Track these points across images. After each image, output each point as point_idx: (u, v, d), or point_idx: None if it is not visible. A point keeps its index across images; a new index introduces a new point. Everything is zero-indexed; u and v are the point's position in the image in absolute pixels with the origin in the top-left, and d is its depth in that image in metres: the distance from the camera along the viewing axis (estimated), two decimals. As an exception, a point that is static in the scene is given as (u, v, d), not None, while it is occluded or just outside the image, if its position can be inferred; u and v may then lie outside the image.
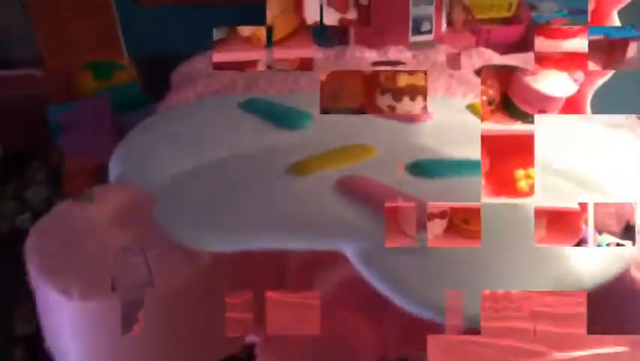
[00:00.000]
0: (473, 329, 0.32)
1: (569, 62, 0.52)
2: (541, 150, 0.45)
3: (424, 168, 0.41)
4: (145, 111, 0.64)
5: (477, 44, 0.83)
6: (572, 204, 0.40)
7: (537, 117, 0.50)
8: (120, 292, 0.36)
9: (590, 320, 0.38)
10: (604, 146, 0.48)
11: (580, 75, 0.69)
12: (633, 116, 0.55)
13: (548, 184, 0.41)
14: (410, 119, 0.48)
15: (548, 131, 0.47)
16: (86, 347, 0.38)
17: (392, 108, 0.41)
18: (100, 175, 0.48)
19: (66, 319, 0.37)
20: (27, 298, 0.42)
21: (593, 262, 0.35)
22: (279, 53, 0.65)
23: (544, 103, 0.50)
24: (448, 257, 0.34)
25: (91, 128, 0.66)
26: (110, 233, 0.39)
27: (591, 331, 0.38)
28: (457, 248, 0.34)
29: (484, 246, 0.35)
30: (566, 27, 0.55)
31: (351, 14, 0.46)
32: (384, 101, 0.41)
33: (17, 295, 0.52)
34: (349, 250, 0.35)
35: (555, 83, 0.53)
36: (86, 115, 0.68)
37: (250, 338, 0.41)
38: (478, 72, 0.60)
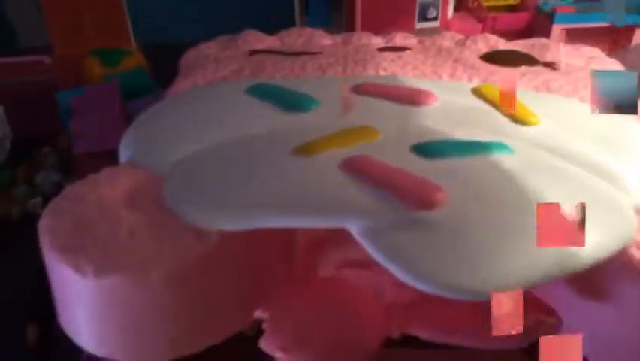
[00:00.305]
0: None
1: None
2: (543, 131, 0.46)
3: (428, 149, 0.42)
4: (153, 97, 0.65)
5: (483, 31, 0.84)
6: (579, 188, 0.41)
7: (539, 98, 0.51)
8: (133, 270, 0.37)
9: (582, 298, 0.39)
10: (608, 129, 0.48)
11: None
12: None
13: (557, 168, 0.42)
14: (416, 101, 0.49)
15: (550, 113, 0.48)
16: (99, 324, 0.39)
17: None
18: (109, 159, 0.49)
19: (80, 297, 0.38)
20: (39, 281, 0.43)
21: (592, 239, 0.36)
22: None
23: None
24: (454, 233, 0.34)
25: (100, 114, 0.66)
26: (121, 213, 0.40)
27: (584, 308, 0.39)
28: (461, 225, 0.35)
29: (489, 222, 0.35)
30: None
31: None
32: None
33: (30, 278, 0.53)
34: (354, 229, 0.35)
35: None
36: (94, 100, 0.68)
37: (258, 314, 0.42)
38: (483, 57, 0.60)
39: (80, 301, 0.38)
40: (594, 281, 0.39)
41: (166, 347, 0.39)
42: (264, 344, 0.41)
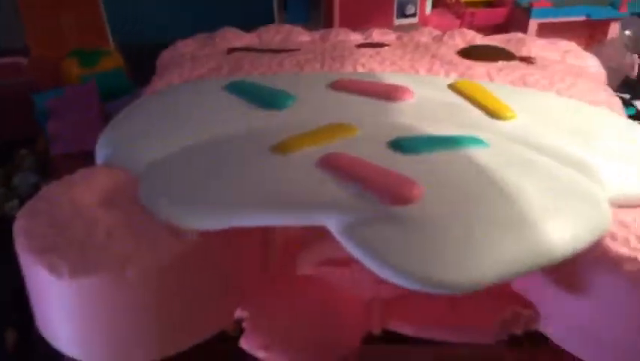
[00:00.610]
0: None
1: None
2: (519, 125, 0.46)
3: (405, 144, 0.42)
4: (131, 97, 0.65)
5: (461, 27, 0.85)
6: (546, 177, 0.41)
7: (515, 92, 0.52)
8: (109, 269, 0.36)
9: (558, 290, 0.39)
10: (584, 122, 0.49)
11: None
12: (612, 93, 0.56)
13: (533, 161, 0.42)
14: (391, 97, 0.49)
15: (527, 108, 0.48)
16: (77, 326, 0.38)
17: None
18: (87, 161, 0.48)
19: (56, 299, 0.38)
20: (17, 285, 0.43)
21: (567, 230, 0.36)
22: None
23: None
24: (430, 228, 0.35)
25: (77, 115, 0.66)
26: (96, 213, 0.40)
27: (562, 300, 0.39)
28: (437, 219, 0.35)
29: (465, 216, 0.35)
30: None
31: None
32: None
33: (7, 282, 0.53)
34: (332, 225, 0.35)
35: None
36: (72, 101, 0.68)
37: (239, 313, 0.42)
38: (460, 52, 0.60)
39: (57, 304, 0.38)
40: (570, 273, 0.39)
41: (146, 348, 0.39)
42: (245, 343, 0.41)
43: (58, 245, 0.37)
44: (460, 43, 0.64)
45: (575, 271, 0.39)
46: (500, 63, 0.58)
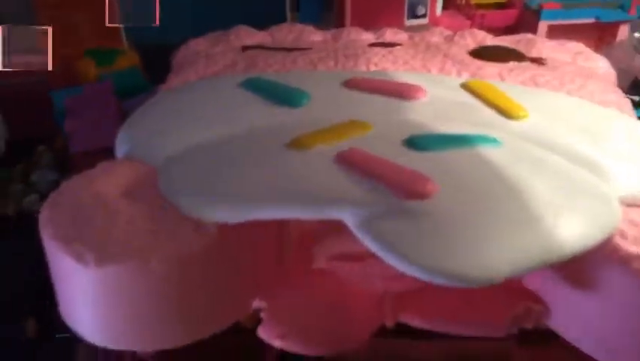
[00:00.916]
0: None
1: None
2: (530, 124, 0.47)
3: (419, 142, 0.43)
4: (147, 95, 0.66)
5: (471, 28, 0.85)
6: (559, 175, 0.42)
7: (526, 92, 0.53)
8: (134, 258, 0.37)
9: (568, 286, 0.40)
10: (594, 123, 0.49)
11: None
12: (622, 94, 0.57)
13: (544, 160, 0.43)
14: (405, 96, 0.50)
15: (537, 108, 0.49)
16: (100, 313, 0.39)
17: None
18: (105, 158, 0.49)
19: (81, 286, 0.39)
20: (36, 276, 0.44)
21: (577, 227, 0.37)
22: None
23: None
24: (444, 222, 0.35)
25: (95, 112, 0.67)
26: (119, 205, 0.41)
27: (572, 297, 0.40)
28: (451, 214, 0.36)
29: (478, 211, 0.36)
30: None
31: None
32: None
33: (26, 272, 0.54)
34: (348, 219, 0.36)
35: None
36: (89, 99, 0.69)
37: (256, 304, 0.43)
38: (471, 53, 0.61)
39: (82, 291, 0.39)
40: (581, 270, 0.40)
41: (166, 336, 0.40)
42: (263, 333, 0.42)
43: (84, 235, 0.38)
44: (471, 43, 0.65)
45: (585, 268, 0.39)
46: (511, 64, 0.59)
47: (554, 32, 0.85)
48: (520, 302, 0.43)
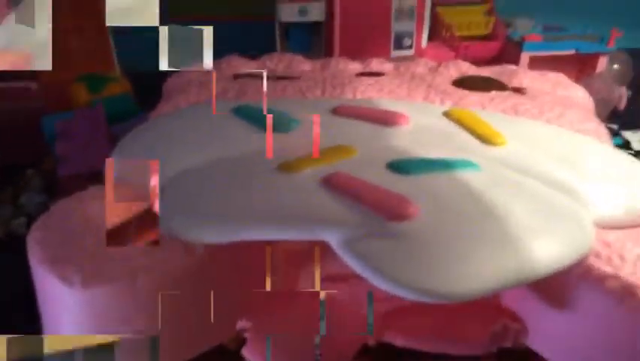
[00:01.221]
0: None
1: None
2: (509, 150, 0.49)
3: (402, 166, 0.44)
4: (137, 120, 0.67)
5: (455, 59, 0.87)
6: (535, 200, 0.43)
7: (506, 120, 0.54)
8: (120, 279, 0.38)
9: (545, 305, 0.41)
10: (571, 149, 0.51)
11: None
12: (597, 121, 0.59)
13: (521, 184, 0.45)
14: (389, 122, 0.52)
15: (517, 135, 0.50)
16: (85, 332, 0.40)
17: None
18: (93, 181, 0.50)
19: (67, 308, 0.39)
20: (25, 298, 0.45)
21: (552, 248, 0.38)
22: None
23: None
24: (425, 243, 0.37)
25: (85, 137, 0.68)
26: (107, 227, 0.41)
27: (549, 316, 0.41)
28: (431, 235, 0.37)
29: (457, 232, 0.38)
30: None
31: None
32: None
33: (14, 294, 0.54)
34: (333, 240, 0.38)
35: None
36: (80, 124, 0.70)
37: (241, 324, 0.44)
38: (455, 83, 0.63)
39: (68, 313, 0.39)
40: (557, 289, 0.41)
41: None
42: (247, 352, 0.43)
43: (71, 256, 0.39)
44: (455, 74, 0.67)
45: (561, 287, 0.41)
46: (493, 93, 0.61)
47: (536, 64, 0.88)
48: (498, 320, 0.44)
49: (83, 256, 0.39)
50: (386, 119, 0.52)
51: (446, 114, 0.55)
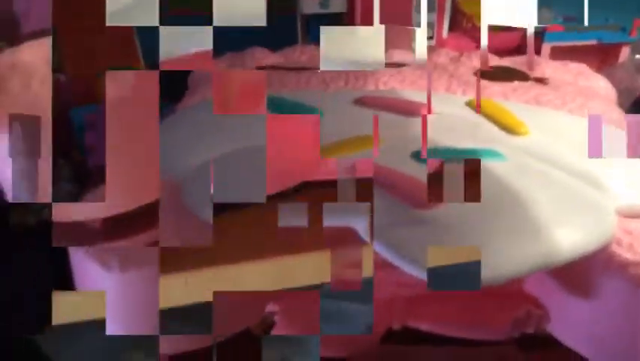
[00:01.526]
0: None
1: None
2: (532, 140, 0.49)
3: (426, 155, 0.45)
4: (164, 112, 0.68)
5: (477, 50, 0.88)
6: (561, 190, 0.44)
7: (529, 110, 0.55)
8: (155, 266, 0.40)
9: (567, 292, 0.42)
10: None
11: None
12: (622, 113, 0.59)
13: (545, 173, 0.45)
14: (412, 112, 0.53)
15: (540, 125, 0.51)
16: (124, 316, 0.42)
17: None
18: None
19: (106, 291, 0.41)
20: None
21: (575, 236, 0.39)
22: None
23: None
24: (451, 230, 0.38)
25: (114, 127, 0.69)
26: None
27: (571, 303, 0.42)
28: (457, 222, 0.38)
29: (482, 220, 0.39)
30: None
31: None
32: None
33: (47, 279, 0.56)
34: (359, 226, 0.39)
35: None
36: (109, 115, 0.71)
37: (269, 308, 0.45)
38: (477, 73, 0.64)
39: (106, 295, 0.41)
40: (579, 276, 0.42)
41: (187, 337, 0.42)
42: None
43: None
44: (477, 64, 0.67)
45: (583, 274, 0.42)
46: (515, 83, 0.61)
47: (557, 54, 0.87)
48: (521, 306, 0.45)
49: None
50: (409, 110, 0.53)
51: (469, 104, 0.55)
